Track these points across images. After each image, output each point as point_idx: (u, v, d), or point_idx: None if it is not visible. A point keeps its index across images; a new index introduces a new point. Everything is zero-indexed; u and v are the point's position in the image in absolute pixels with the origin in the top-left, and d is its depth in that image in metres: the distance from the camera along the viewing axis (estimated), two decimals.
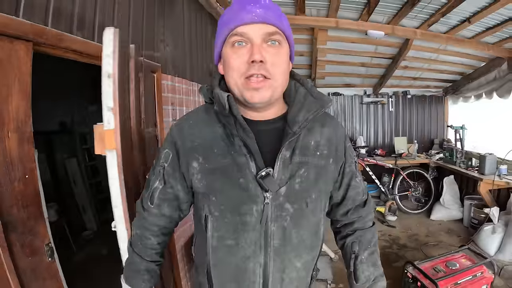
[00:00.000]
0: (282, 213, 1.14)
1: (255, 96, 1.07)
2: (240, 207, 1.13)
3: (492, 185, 4.99)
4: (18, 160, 1.49)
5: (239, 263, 1.17)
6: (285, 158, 1.14)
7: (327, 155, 1.22)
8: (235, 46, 1.06)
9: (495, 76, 6.06)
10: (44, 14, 1.60)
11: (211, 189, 1.15)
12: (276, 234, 1.15)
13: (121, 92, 1.50)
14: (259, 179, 1.10)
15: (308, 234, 1.21)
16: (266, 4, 1.05)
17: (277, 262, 1.17)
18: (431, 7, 4.26)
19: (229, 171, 1.12)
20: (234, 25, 1.04)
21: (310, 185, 1.18)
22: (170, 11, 3.08)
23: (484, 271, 3.28)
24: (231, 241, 1.16)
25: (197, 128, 1.18)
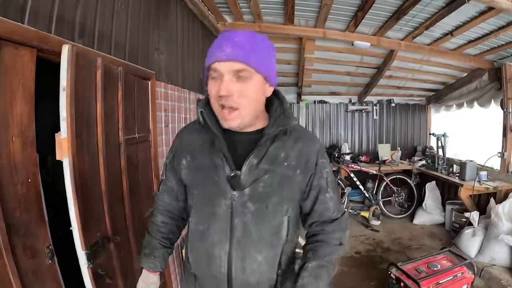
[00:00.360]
0: (244, 210, 1.33)
1: (226, 124, 1.29)
2: (213, 199, 1.36)
3: (472, 191, 5.18)
4: (21, 164, 1.52)
5: (208, 248, 1.37)
6: (252, 164, 1.31)
7: (295, 166, 1.36)
8: (213, 80, 1.26)
9: (476, 86, 6.27)
10: (48, 21, 1.65)
11: (194, 183, 1.44)
12: (238, 227, 1.34)
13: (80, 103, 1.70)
14: (228, 179, 1.31)
15: (268, 233, 1.36)
16: (237, 43, 1.21)
17: (239, 251, 1.34)
18: (415, 20, 4.41)
19: (207, 169, 1.37)
20: (211, 61, 1.24)
21: (273, 190, 1.34)
22: (164, 21, 3.14)
23: (464, 271, 3.41)
24: (203, 227, 1.39)
25: (192, 135, 1.47)
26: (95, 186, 1.91)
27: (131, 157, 2.45)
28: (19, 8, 1.48)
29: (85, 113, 1.80)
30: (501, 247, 4.34)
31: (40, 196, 1.63)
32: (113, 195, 2.13)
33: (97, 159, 1.93)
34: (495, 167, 5.64)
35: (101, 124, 1.93)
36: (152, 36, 2.89)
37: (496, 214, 4.41)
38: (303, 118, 7.80)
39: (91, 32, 2.01)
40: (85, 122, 1.81)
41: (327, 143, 8.06)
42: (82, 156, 1.77)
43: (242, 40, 1.22)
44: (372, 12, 4.19)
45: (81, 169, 1.74)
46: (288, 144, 1.37)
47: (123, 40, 2.39)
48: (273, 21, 4.84)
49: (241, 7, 4.34)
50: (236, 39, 1.22)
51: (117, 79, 2.18)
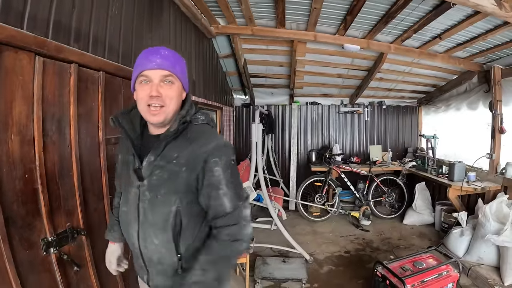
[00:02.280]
0: (143, 197, 1.57)
1: (154, 119, 1.53)
2: (128, 187, 1.64)
3: (461, 191, 5.24)
4: (19, 161, 1.62)
5: (126, 226, 1.67)
6: (150, 160, 1.55)
7: (183, 164, 1.51)
8: (142, 83, 1.52)
9: (466, 88, 6.38)
10: (45, 27, 1.75)
11: (119, 174, 1.80)
12: (141, 211, 1.58)
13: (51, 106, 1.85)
14: (134, 171, 1.58)
15: (160, 220, 1.54)
16: (164, 55, 1.52)
17: (142, 232, 1.59)
18: (404, 24, 4.49)
19: (125, 164, 1.69)
20: (141, 69, 1.50)
21: (162, 183, 1.54)
22: (157, 24, 3.23)
23: (450, 270, 3.46)
24: (124, 208, 1.68)
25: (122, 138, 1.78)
26: (65, 180, 2.00)
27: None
28: (18, 14, 1.58)
29: (56, 115, 1.89)
30: (488, 247, 4.38)
31: (37, 191, 1.73)
32: (89, 190, 2.24)
33: (69, 156, 2.02)
34: (484, 168, 5.70)
35: (74, 125, 2.03)
36: (145, 39, 2.98)
37: (484, 214, 4.44)
38: (295, 119, 7.86)
39: (86, 37, 2.12)
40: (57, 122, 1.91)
41: (318, 144, 8.14)
42: (52, 153, 1.87)
43: (167, 54, 1.54)
44: (360, 16, 4.28)
45: (50, 164, 1.85)
46: (182, 144, 1.54)
47: (116, 44, 2.50)
48: (265, 24, 4.93)
49: (233, 10, 4.43)
50: (163, 52, 1.53)
51: (97, 83, 2.28)
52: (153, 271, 1.65)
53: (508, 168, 5.08)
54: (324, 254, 5.15)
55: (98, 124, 2.30)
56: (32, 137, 1.70)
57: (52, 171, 1.86)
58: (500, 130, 5.28)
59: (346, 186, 7.06)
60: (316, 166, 7.36)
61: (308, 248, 5.24)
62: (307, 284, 4.17)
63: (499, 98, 5.32)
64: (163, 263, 1.59)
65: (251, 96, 7.77)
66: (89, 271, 2.17)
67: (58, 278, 1.86)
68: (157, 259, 1.59)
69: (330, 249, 5.35)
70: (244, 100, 8.10)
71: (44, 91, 1.77)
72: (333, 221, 6.76)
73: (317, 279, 4.35)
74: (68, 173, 2.01)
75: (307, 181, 6.96)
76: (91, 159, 2.25)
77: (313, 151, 7.74)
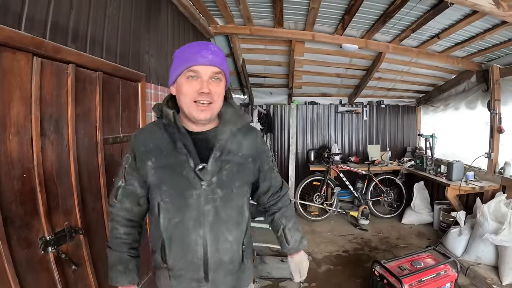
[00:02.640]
0: (214, 196, 1.52)
1: (202, 115, 1.48)
2: (185, 192, 1.51)
3: (459, 191, 5.24)
4: (17, 161, 1.63)
5: (184, 238, 1.52)
6: (216, 156, 1.52)
7: (247, 156, 1.64)
8: (189, 79, 1.46)
9: (464, 87, 6.39)
10: (43, 28, 1.76)
11: (162, 180, 1.53)
12: (210, 212, 1.52)
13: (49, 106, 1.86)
14: (197, 171, 1.48)
15: (235, 213, 1.60)
16: (215, 51, 1.48)
17: (212, 234, 1.53)
18: (402, 23, 4.50)
19: (174, 166, 1.51)
20: (191, 64, 1.44)
21: (234, 176, 1.58)
22: (155, 24, 3.24)
23: (448, 269, 3.45)
24: (177, 219, 1.52)
25: (150, 136, 1.57)
26: (63, 180, 2.00)
27: (114, 155, 2.57)
28: (16, 15, 1.59)
29: (54, 115, 1.90)
30: (486, 246, 4.38)
31: (35, 191, 1.74)
32: (87, 190, 2.24)
33: (67, 156, 2.03)
34: (482, 168, 5.70)
35: (72, 125, 2.04)
36: (142, 40, 3.00)
37: (482, 214, 4.44)
38: (294, 119, 7.89)
39: (84, 37, 2.13)
40: (54, 123, 1.91)
41: (317, 143, 8.15)
42: (50, 152, 1.88)
43: (217, 50, 1.51)
44: (358, 15, 4.29)
45: (48, 164, 1.86)
46: (239, 139, 1.63)
47: (114, 44, 2.51)
48: (263, 24, 4.93)
49: (231, 10, 4.43)
50: (213, 48, 1.49)
51: (95, 83, 2.28)
52: (219, 276, 1.59)
53: (506, 168, 5.08)
54: (323, 253, 5.16)
55: (95, 124, 2.31)
56: (30, 137, 1.71)
57: (50, 171, 1.87)
58: (498, 130, 5.28)
59: (345, 186, 7.07)
60: (315, 166, 7.36)
61: (307, 247, 5.23)
62: (305, 284, 4.18)
63: (497, 98, 5.32)
64: (234, 261, 1.63)
65: (250, 96, 7.77)
66: (87, 270, 2.18)
67: (56, 277, 1.87)
68: (229, 258, 1.60)
69: (329, 248, 5.37)
70: (243, 100, 8.10)
71: (42, 91, 1.78)
72: (332, 221, 6.78)
73: (315, 278, 4.35)
74: (66, 173, 2.02)
75: (305, 181, 6.96)
76: (89, 158, 2.26)
77: (311, 150, 7.75)
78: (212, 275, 1.57)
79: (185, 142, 1.49)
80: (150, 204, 1.64)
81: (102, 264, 2.05)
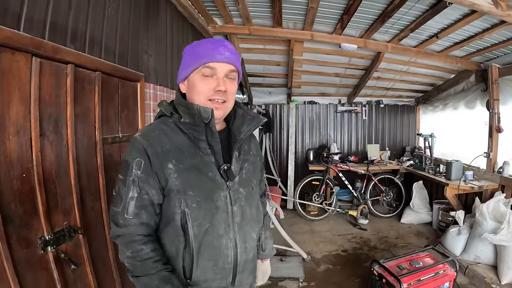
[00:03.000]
0: (239, 195, 1.51)
1: (216, 113, 1.43)
2: (212, 195, 1.43)
3: (458, 190, 5.26)
4: (17, 161, 1.63)
5: (215, 242, 1.44)
6: (236, 156, 1.53)
7: (256, 155, 1.70)
8: (204, 76, 1.42)
9: (463, 87, 6.41)
10: (42, 28, 1.76)
11: (187, 184, 1.39)
12: (237, 212, 1.50)
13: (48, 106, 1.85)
14: (223, 172, 1.45)
15: (256, 210, 1.63)
16: (231, 49, 1.45)
17: (241, 235, 1.51)
18: (400, 23, 4.51)
19: (199, 168, 1.42)
20: (208, 60, 1.40)
21: (252, 174, 1.62)
22: (154, 24, 3.24)
23: (446, 269, 3.46)
24: (208, 224, 1.42)
25: (164, 137, 1.42)
26: (63, 180, 2.00)
27: (113, 155, 2.57)
28: (15, 15, 1.59)
29: (53, 115, 1.90)
30: (485, 246, 4.39)
31: (35, 190, 1.74)
32: (86, 189, 2.24)
33: (66, 156, 2.03)
34: (481, 167, 5.73)
35: (71, 125, 2.04)
36: (141, 39, 2.99)
37: (481, 213, 4.46)
38: (293, 118, 7.89)
39: (83, 37, 2.13)
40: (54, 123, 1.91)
41: (316, 143, 8.17)
42: (49, 152, 1.88)
43: (233, 48, 1.48)
44: (357, 15, 4.30)
45: (47, 164, 1.86)
46: (247, 139, 1.65)
47: (113, 44, 2.50)
48: (262, 23, 4.94)
49: (230, 10, 4.44)
50: (229, 46, 1.46)
51: (94, 83, 2.28)
52: (243, 276, 1.56)
53: (505, 167, 5.11)
54: (322, 253, 5.17)
55: (95, 124, 2.31)
56: (29, 137, 1.71)
57: (49, 170, 1.87)
58: (497, 129, 5.31)
59: (344, 185, 7.09)
60: (314, 165, 7.39)
61: (306, 247, 5.26)
62: (304, 283, 4.19)
63: (496, 97, 5.35)
64: (254, 258, 1.67)
65: (249, 96, 7.77)
66: (86, 269, 2.18)
67: (55, 277, 1.87)
68: (253, 255, 1.63)
69: (328, 248, 5.38)
70: (242, 100, 8.09)
71: (41, 91, 1.78)
72: (331, 220, 6.79)
73: (314, 277, 4.37)
74: (65, 173, 2.02)
75: (305, 180, 6.98)
76: (88, 158, 2.26)
77: (311, 150, 7.75)
78: (239, 277, 1.53)
79: (212, 142, 1.44)
80: (166, 215, 1.44)
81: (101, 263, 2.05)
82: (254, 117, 1.59)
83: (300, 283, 4.15)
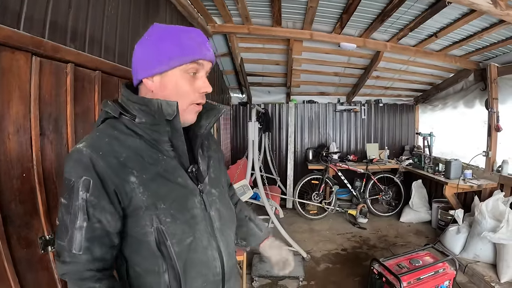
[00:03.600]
0: (212, 198, 1.33)
1: (193, 118, 1.27)
2: (186, 203, 1.22)
3: (457, 189, 5.27)
4: (17, 160, 1.63)
5: (202, 257, 1.23)
6: (201, 154, 1.35)
7: (217, 150, 1.54)
8: (189, 74, 1.20)
9: (462, 86, 6.41)
10: (42, 27, 1.76)
11: (156, 197, 1.15)
12: (215, 216, 1.31)
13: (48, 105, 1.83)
14: (192, 175, 1.26)
15: (229, 210, 1.46)
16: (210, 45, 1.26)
17: (223, 240, 1.31)
18: (400, 22, 4.51)
19: (165, 175, 1.19)
20: (198, 57, 1.18)
21: (219, 172, 1.47)
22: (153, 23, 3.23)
23: (446, 267, 3.48)
24: (189, 238, 1.20)
25: (117, 143, 1.15)
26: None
27: None
28: (15, 15, 1.59)
29: (53, 114, 1.90)
30: (484, 244, 4.41)
31: (35, 190, 1.74)
32: None
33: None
34: (480, 166, 5.74)
35: (71, 124, 2.03)
36: None
37: (480, 212, 4.47)
38: (292, 117, 7.91)
39: (83, 36, 2.13)
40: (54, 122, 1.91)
41: (315, 142, 8.17)
42: (49, 152, 1.87)
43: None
44: (356, 14, 4.30)
45: (47, 163, 1.85)
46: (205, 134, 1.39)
47: (113, 43, 2.51)
48: (261, 23, 4.94)
49: (229, 9, 4.43)
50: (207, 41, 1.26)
51: (94, 82, 2.28)
52: (231, 284, 1.37)
53: (504, 166, 5.12)
54: (321, 252, 5.17)
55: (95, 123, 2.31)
56: (30, 136, 1.70)
57: (49, 170, 1.87)
58: (496, 128, 5.31)
59: (343, 184, 7.09)
60: (313, 164, 7.39)
61: (305, 246, 5.27)
62: (304, 282, 4.20)
63: (495, 96, 5.35)
64: (236, 261, 1.49)
65: (248, 95, 7.79)
66: None
67: (56, 276, 1.86)
68: (235, 260, 1.43)
69: (327, 247, 5.38)
70: (241, 99, 8.11)
71: (41, 90, 1.77)
72: (330, 219, 6.79)
73: (314, 276, 4.38)
74: None
75: (304, 179, 6.98)
76: None
77: (310, 149, 7.74)
78: (227, 286, 1.34)
79: (177, 142, 1.22)
80: (129, 241, 1.19)
81: None
82: (211, 109, 1.37)
83: (300, 282, 4.16)
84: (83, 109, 2.17)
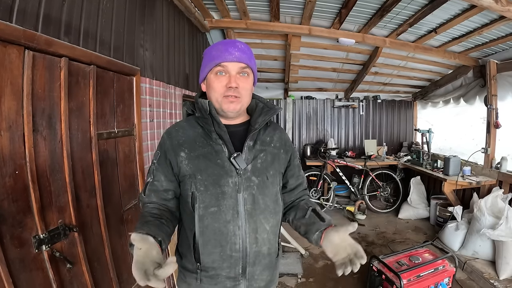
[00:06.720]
0: (250, 184, 1.54)
1: (231, 106, 1.53)
2: (220, 180, 1.50)
3: (456, 185, 5.26)
4: (9, 157, 1.59)
5: (221, 227, 1.50)
6: (250, 146, 1.58)
7: (279, 147, 1.70)
8: (218, 74, 1.52)
9: (461, 83, 6.40)
10: (35, 20, 1.71)
11: (196, 169, 1.51)
12: (248, 200, 1.53)
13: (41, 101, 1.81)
14: (232, 159, 1.51)
15: (271, 201, 1.60)
16: (241, 48, 1.54)
17: (251, 223, 1.53)
18: (399, 18, 4.46)
19: (209, 156, 1.53)
20: (219, 61, 1.50)
21: (268, 165, 1.61)
22: (150, 18, 3.19)
23: (446, 264, 3.48)
24: (214, 208, 1.49)
25: (181, 131, 1.61)
26: (57, 176, 1.96)
27: (108, 151, 2.54)
28: (7, 7, 1.54)
29: (46, 110, 1.86)
30: (483, 241, 4.40)
31: (28, 188, 1.70)
32: (81, 186, 2.20)
33: (60, 152, 1.99)
34: (479, 163, 5.74)
35: (65, 120, 2.00)
36: (137, 33, 2.94)
37: (479, 209, 4.46)
38: (290, 113, 7.89)
39: (77, 30, 2.07)
40: (47, 118, 1.87)
41: (313, 138, 8.15)
42: (42, 148, 1.84)
43: (244, 47, 1.56)
44: (355, 9, 4.26)
45: (40, 160, 1.82)
46: (270, 131, 1.70)
47: (108, 37, 2.45)
48: (259, 18, 4.89)
49: (227, 4, 4.39)
50: (240, 46, 1.55)
51: (88, 77, 2.24)
52: (256, 271, 1.58)
53: (503, 163, 5.11)
54: (320, 248, 5.12)
55: (89, 119, 2.26)
56: (22, 133, 1.67)
57: (43, 167, 1.83)
58: (495, 125, 5.30)
59: (341, 181, 7.10)
60: (311, 161, 7.37)
61: (304, 242, 5.22)
62: (303, 279, 4.18)
63: (494, 93, 5.34)
64: (271, 253, 1.64)
65: None
66: (82, 268, 2.14)
67: (50, 276, 1.83)
68: (267, 249, 1.61)
69: None
70: None
71: (34, 85, 1.74)
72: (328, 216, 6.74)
73: (312, 273, 4.36)
74: (59, 169, 1.98)
75: None
76: (83, 154, 2.22)
77: (308, 145, 7.74)
78: (250, 270, 1.57)
79: (220, 132, 1.54)
80: (181, 200, 1.62)
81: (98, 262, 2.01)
82: (270, 108, 1.67)
83: (298, 279, 4.14)
84: (78, 104, 2.13)
